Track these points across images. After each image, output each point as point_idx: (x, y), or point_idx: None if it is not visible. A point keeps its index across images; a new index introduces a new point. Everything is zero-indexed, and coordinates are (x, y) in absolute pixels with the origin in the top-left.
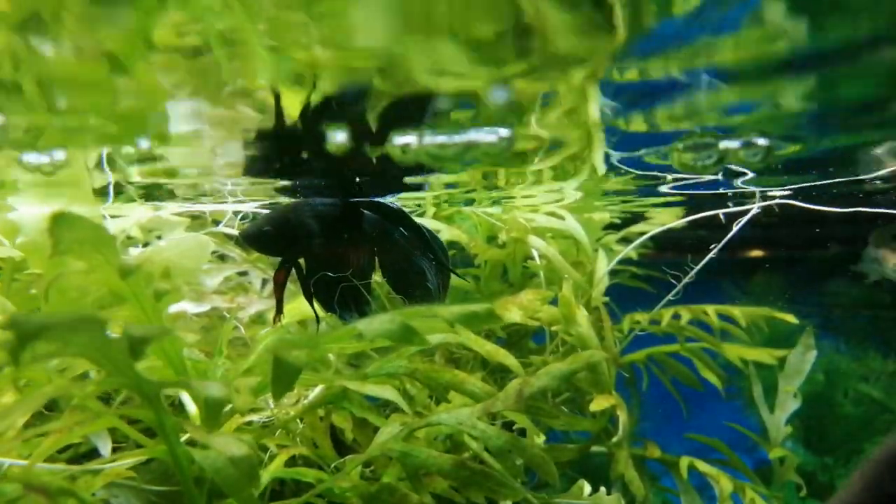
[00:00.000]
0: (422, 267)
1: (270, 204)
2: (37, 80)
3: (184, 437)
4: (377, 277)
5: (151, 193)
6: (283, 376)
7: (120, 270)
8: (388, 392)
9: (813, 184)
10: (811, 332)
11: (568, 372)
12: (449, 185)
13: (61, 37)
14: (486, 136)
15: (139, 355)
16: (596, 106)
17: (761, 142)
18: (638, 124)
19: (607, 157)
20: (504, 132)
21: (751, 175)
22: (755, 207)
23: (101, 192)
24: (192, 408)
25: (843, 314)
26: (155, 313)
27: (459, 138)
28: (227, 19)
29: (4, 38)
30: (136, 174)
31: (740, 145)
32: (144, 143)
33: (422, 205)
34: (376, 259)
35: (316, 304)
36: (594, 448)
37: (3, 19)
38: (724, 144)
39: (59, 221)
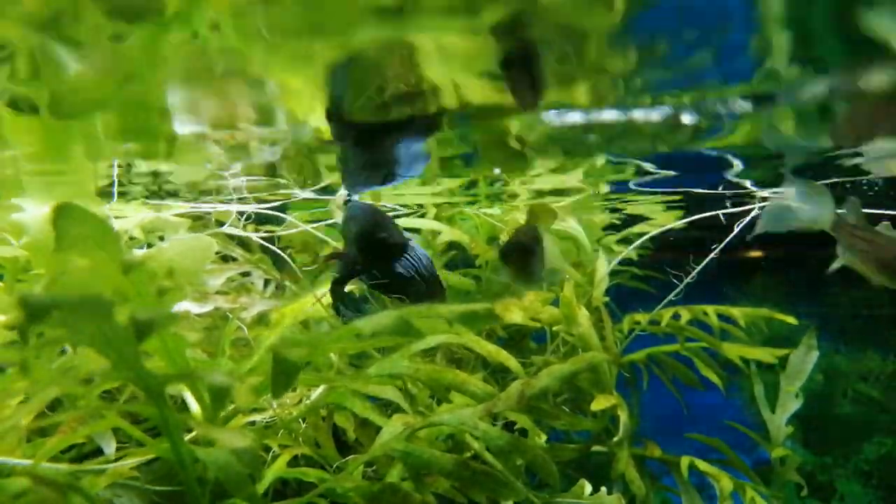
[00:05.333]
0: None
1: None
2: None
3: (187, 437)
4: None
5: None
6: (282, 373)
7: (122, 266)
8: (389, 392)
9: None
10: (813, 332)
11: (569, 373)
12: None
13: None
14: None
15: (145, 338)
16: None
17: None
18: None
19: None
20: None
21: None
22: (756, 208)
23: (105, 193)
24: (194, 407)
25: (842, 314)
26: None
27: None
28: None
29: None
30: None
31: None
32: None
33: (423, 205)
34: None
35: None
36: (595, 447)
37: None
38: None
39: (64, 214)
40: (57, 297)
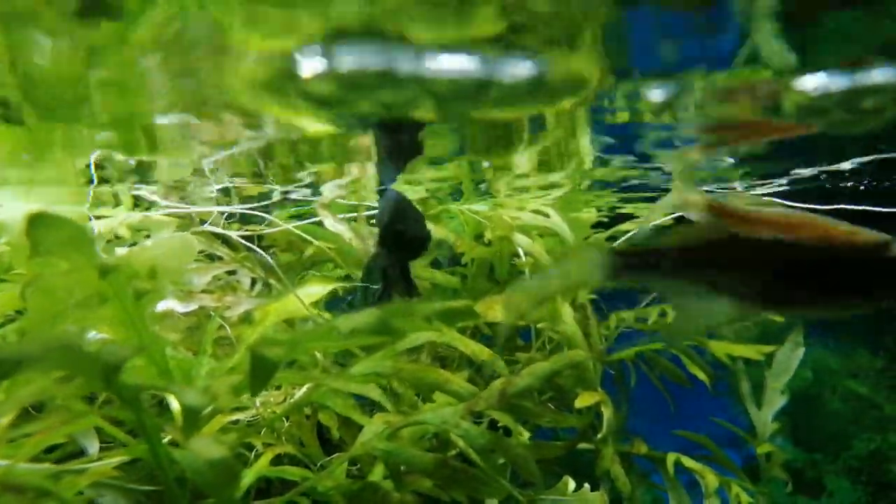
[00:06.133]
0: None
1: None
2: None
3: (167, 439)
4: None
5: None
6: (260, 372)
7: (100, 269)
8: (373, 391)
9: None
10: (800, 329)
11: (550, 371)
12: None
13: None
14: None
15: (114, 377)
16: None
17: None
18: None
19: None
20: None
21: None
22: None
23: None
24: (176, 405)
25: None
26: (138, 313)
27: None
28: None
29: None
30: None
31: None
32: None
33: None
34: None
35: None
36: (582, 445)
37: None
38: None
39: (37, 222)
40: (23, 351)
